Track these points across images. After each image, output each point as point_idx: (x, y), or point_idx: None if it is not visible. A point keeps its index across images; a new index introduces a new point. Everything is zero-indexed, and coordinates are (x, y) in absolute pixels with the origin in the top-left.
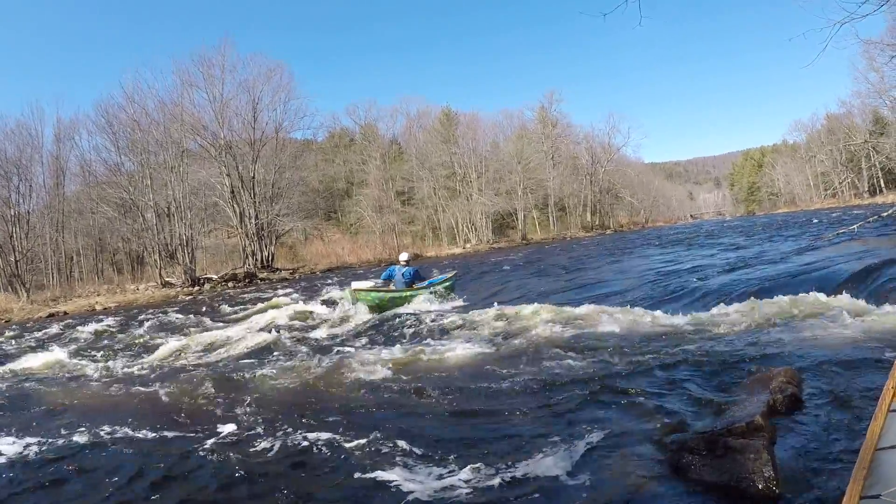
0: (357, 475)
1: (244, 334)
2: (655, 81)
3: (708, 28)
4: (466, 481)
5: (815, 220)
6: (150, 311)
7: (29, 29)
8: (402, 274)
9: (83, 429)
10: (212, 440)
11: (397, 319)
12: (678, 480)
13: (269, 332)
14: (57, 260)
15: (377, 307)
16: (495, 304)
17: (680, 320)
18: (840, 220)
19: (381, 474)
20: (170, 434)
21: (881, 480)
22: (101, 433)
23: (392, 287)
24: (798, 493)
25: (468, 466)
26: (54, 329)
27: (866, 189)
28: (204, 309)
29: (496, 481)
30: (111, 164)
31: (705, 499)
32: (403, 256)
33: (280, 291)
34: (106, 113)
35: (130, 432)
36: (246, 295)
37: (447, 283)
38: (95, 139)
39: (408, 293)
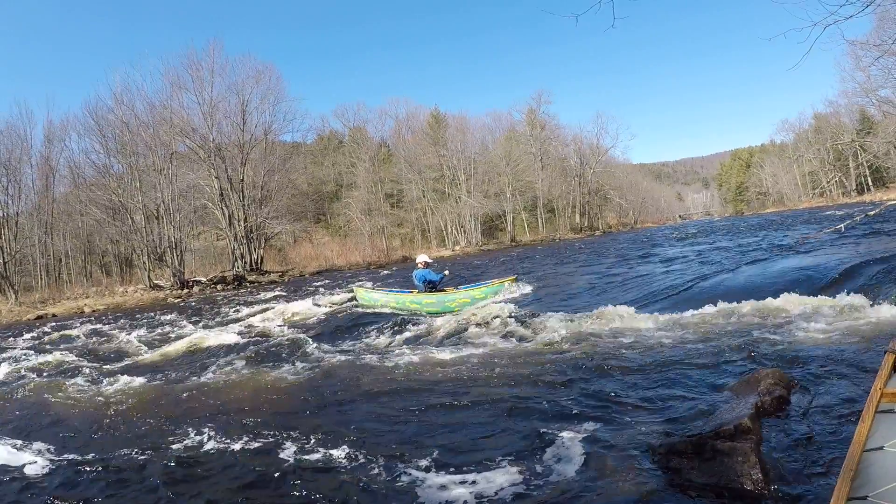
0: (345, 477)
1: (233, 337)
2: (643, 82)
3: (695, 29)
4: (456, 483)
5: (803, 220)
6: (139, 313)
7: (17, 29)
8: (415, 276)
9: (71, 432)
10: (199, 442)
11: (390, 321)
12: (667, 483)
13: (258, 334)
14: (45, 262)
15: (371, 306)
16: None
17: (667, 322)
18: (828, 219)
19: (372, 477)
20: (157, 437)
21: (869, 481)
22: (91, 437)
23: (413, 292)
24: (786, 494)
25: (456, 468)
26: (42, 331)
27: (854, 188)
28: (193, 312)
29: (482, 486)
30: (100, 166)
31: (694, 502)
32: (420, 258)
33: (269, 294)
34: (95, 115)
35: (120, 435)
36: (235, 298)
37: (491, 287)
38: (85, 141)
39: (408, 299)
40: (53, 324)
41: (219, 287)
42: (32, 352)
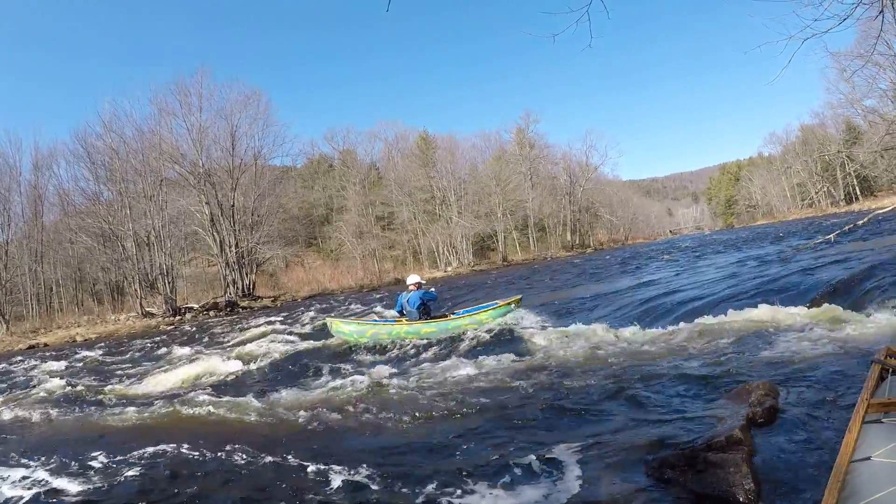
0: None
1: (227, 364)
2: (630, 101)
3: (680, 46)
4: (450, 497)
5: (793, 231)
6: (131, 341)
7: (5, 67)
8: (408, 301)
9: (68, 458)
10: (193, 464)
11: (380, 347)
12: (660, 496)
13: (252, 361)
14: (36, 291)
15: (352, 342)
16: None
17: (658, 337)
18: (817, 230)
19: (369, 491)
20: (143, 461)
21: (856, 492)
22: (86, 462)
23: (402, 319)
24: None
25: (452, 484)
26: (35, 361)
27: (842, 197)
28: (185, 339)
29: (475, 501)
30: (90, 194)
31: None
32: (411, 279)
33: (261, 319)
34: (84, 142)
35: (112, 460)
36: (227, 324)
37: (497, 310)
38: (74, 168)
39: (398, 329)
40: (46, 353)
41: (211, 313)
42: (25, 381)
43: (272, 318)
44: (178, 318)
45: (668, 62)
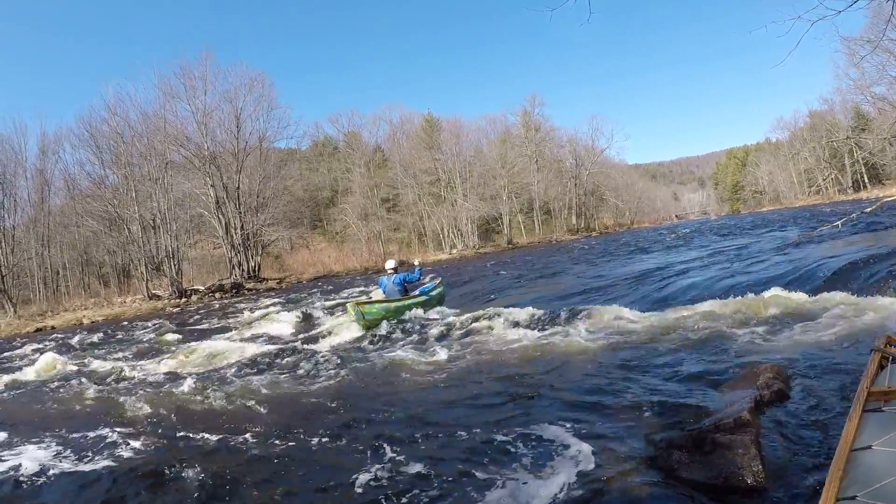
0: (344, 481)
1: (233, 345)
2: (637, 84)
3: (688, 29)
4: (454, 483)
5: (800, 218)
6: (138, 323)
7: (9, 53)
8: (393, 282)
9: (68, 438)
10: (200, 448)
11: (384, 328)
12: (668, 478)
13: (257, 342)
14: (43, 274)
15: (381, 319)
16: (483, 309)
17: (667, 319)
18: (825, 217)
19: (374, 482)
20: (158, 443)
21: (858, 481)
22: (94, 443)
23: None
24: (785, 486)
25: (456, 469)
26: (42, 344)
27: (850, 185)
28: (192, 321)
29: (482, 483)
30: (95, 178)
31: (695, 495)
32: (389, 264)
33: (267, 301)
34: (89, 126)
35: (121, 442)
36: (233, 306)
37: (437, 292)
38: (79, 153)
39: (408, 302)
40: (53, 336)
41: (217, 295)
42: (32, 363)
43: (277, 300)
44: (184, 300)
45: (675, 46)
